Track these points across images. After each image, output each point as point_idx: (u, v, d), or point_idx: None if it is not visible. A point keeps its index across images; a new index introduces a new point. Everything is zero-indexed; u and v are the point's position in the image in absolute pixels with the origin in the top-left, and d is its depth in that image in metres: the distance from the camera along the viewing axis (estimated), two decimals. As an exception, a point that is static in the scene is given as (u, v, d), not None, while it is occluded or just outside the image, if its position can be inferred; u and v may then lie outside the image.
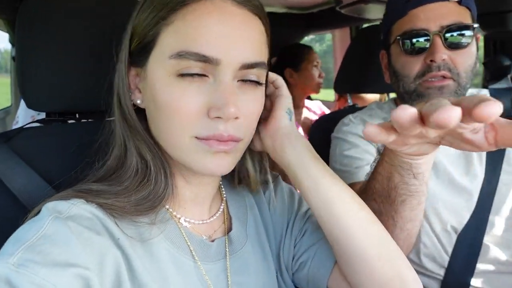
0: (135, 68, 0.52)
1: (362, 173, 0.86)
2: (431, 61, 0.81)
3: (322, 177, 0.54)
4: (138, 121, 0.51)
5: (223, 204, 0.62)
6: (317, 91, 2.14)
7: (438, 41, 0.81)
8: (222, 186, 0.64)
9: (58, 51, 0.65)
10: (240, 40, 0.46)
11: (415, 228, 0.70)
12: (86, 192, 0.48)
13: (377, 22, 2.00)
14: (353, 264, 0.54)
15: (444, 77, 0.81)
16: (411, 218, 0.67)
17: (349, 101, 1.40)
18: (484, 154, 0.92)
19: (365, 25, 2.06)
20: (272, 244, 0.64)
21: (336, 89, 1.39)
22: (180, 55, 0.44)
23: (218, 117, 0.46)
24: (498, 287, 0.86)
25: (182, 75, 0.45)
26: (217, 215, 0.60)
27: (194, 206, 0.57)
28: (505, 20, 1.22)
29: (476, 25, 0.84)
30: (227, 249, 0.58)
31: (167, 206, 0.54)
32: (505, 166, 0.90)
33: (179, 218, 0.55)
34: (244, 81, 0.48)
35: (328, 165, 0.96)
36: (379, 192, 0.67)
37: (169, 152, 0.51)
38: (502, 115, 0.99)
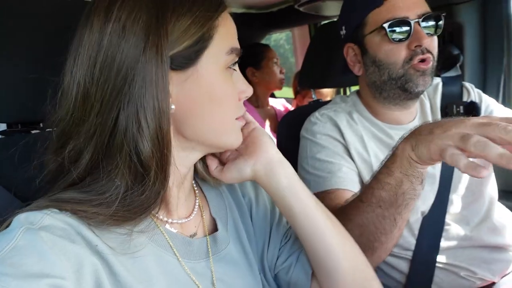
0: (175, 73, 0.50)
1: (335, 180, 0.91)
2: (417, 46, 0.87)
3: (308, 200, 0.60)
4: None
5: (197, 200, 0.63)
6: (279, 87, 2.19)
7: (419, 28, 0.87)
8: (194, 183, 0.65)
9: (14, 59, 0.62)
10: None
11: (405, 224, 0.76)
12: (60, 200, 0.47)
13: (335, 19, 2.07)
14: (331, 276, 0.60)
15: (427, 60, 0.88)
16: (407, 217, 0.74)
17: (313, 96, 1.44)
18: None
19: (323, 22, 2.12)
20: (254, 246, 0.66)
21: (300, 84, 1.42)
22: (232, 50, 0.53)
23: (245, 97, 0.58)
24: (460, 261, 0.92)
25: (228, 68, 0.54)
26: (195, 211, 0.61)
27: (174, 204, 0.57)
28: (453, 12, 1.30)
29: (444, 14, 0.91)
30: (209, 248, 0.59)
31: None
32: (460, 148, 0.96)
33: (161, 218, 0.55)
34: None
35: (297, 164, 1.00)
36: (385, 199, 0.71)
37: (208, 141, 0.55)
38: (454, 102, 1.04)
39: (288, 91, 2.81)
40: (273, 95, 2.54)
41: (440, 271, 0.92)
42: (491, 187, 0.99)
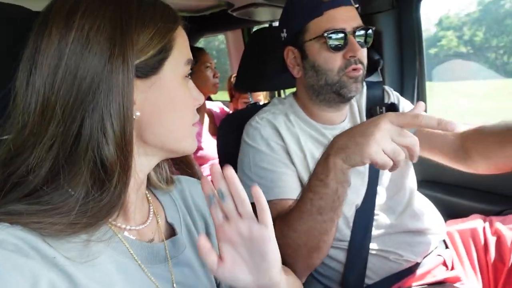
0: (139, 80, 0.51)
1: (277, 190, 0.96)
2: (351, 56, 0.95)
3: None
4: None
5: (151, 206, 0.63)
6: (214, 91, 2.20)
7: (354, 40, 0.95)
8: (146, 189, 0.65)
9: None
10: None
11: None
12: (11, 213, 0.45)
13: (267, 24, 2.14)
14: None
15: (358, 69, 0.97)
16: (341, 213, 0.83)
17: (250, 98, 1.48)
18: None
19: (257, 27, 2.17)
20: None
21: (237, 88, 1.46)
22: (189, 61, 0.57)
23: (198, 105, 0.60)
24: (389, 246, 1.01)
25: (185, 77, 0.57)
26: (150, 217, 0.61)
27: (132, 210, 0.57)
28: (372, 20, 1.43)
29: (373, 28, 1.00)
30: (167, 252, 0.59)
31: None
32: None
33: (119, 226, 0.55)
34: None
35: (237, 167, 1.03)
36: (324, 206, 0.79)
37: (168, 146, 0.57)
38: (377, 104, 1.16)
39: (225, 94, 2.83)
40: (209, 98, 2.55)
41: (372, 257, 1.01)
42: (411, 179, 1.10)
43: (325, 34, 0.94)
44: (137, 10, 0.50)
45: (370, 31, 0.99)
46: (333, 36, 0.95)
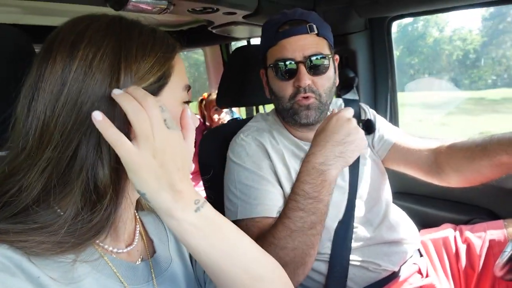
0: None
1: (262, 208, 0.98)
2: (298, 86, 0.98)
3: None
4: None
5: (138, 225, 0.65)
6: None
7: (303, 69, 0.98)
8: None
9: None
10: None
11: None
12: None
13: (245, 41, 2.19)
14: None
15: (309, 97, 1.00)
16: None
17: (232, 114, 1.51)
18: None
19: (237, 47, 2.21)
20: (193, 260, 0.69)
21: (218, 103, 1.48)
22: (187, 87, 0.59)
23: None
24: (368, 257, 1.05)
25: (185, 102, 0.59)
26: (136, 236, 0.62)
27: (122, 229, 0.58)
28: (347, 40, 1.50)
29: (330, 55, 1.03)
30: (152, 270, 0.60)
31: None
32: (361, 160, 1.12)
33: (106, 248, 0.56)
34: None
35: (217, 178, 1.06)
36: (316, 221, 0.86)
37: None
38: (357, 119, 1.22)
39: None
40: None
41: (353, 267, 1.04)
42: (387, 192, 1.16)
43: (276, 63, 0.99)
44: (138, 40, 0.53)
45: (323, 58, 1.00)
46: (282, 65, 0.99)
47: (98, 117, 0.47)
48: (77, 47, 0.49)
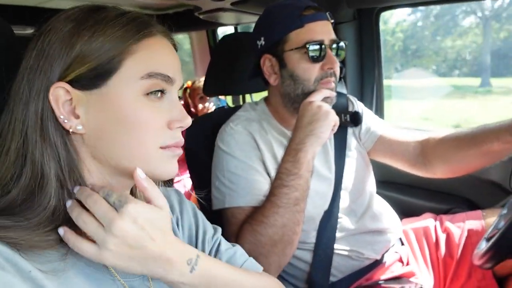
0: (81, 93, 0.51)
1: (250, 198, 0.99)
2: (328, 68, 1.01)
3: None
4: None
5: None
6: None
7: (331, 52, 1.00)
8: None
9: None
10: (180, 66, 0.58)
11: None
12: None
13: (232, 27, 2.16)
14: None
15: (331, 81, 1.04)
16: None
17: (220, 102, 1.50)
18: (333, 144, 1.14)
19: (224, 35, 2.18)
20: None
21: (206, 92, 1.47)
22: (150, 75, 0.52)
23: (179, 127, 0.56)
24: (351, 245, 1.08)
25: (148, 94, 0.53)
26: None
27: None
28: (336, 31, 1.48)
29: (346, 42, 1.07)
30: None
31: None
32: (347, 152, 1.14)
33: None
34: None
35: (205, 164, 1.06)
36: (299, 197, 0.92)
37: (128, 166, 0.53)
38: (342, 112, 1.24)
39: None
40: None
41: (336, 256, 1.07)
42: (371, 183, 1.18)
43: (306, 46, 0.99)
44: (93, 21, 0.51)
45: (343, 44, 1.05)
46: (313, 47, 0.99)
47: (60, 232, 0.49)
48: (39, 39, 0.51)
